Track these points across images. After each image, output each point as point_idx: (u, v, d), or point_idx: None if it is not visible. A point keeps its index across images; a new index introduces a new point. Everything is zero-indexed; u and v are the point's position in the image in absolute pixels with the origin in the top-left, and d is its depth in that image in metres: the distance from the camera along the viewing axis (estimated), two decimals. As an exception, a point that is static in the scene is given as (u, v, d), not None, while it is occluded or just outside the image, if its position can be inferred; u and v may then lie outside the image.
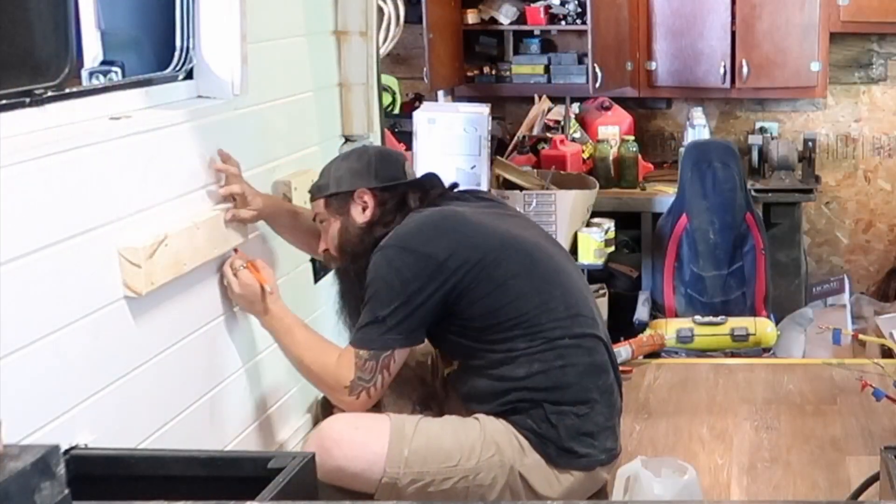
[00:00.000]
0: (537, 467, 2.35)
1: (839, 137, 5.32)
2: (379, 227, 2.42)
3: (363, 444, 2.29)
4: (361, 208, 2.45)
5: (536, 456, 2.35)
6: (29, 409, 1.81)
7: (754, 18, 4.89)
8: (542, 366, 2.35)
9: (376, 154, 2.54)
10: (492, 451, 2.33)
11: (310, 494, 1.85)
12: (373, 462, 2.27)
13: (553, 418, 2.35)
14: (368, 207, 2.44)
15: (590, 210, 4.31)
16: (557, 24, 5.11)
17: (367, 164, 2.47)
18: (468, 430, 2.36)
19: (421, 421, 2.37)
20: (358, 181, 2.45)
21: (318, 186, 2.50)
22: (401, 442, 2.29)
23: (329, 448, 2.25)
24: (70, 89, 2.01)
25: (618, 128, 5.15)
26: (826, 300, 4.84)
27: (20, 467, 0.97)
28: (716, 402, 3.35)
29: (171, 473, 1.90)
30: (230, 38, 2.41)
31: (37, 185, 1.83)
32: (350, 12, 3.10)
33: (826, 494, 2.67)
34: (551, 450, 2.35)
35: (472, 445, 2.33)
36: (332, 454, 2.25)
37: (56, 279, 1.87)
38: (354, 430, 2.31)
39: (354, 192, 2.44)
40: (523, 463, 2.34)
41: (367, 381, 2.34)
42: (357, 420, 2.36)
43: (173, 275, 2.19)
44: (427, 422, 2.38)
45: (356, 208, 2.45)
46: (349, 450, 2.28)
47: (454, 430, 2.35)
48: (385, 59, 4.05)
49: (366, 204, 2.44)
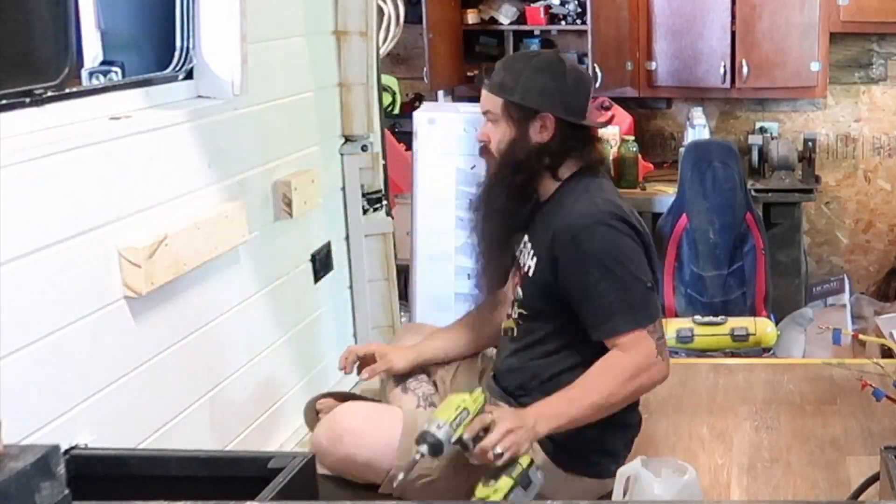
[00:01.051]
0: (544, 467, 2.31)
1: (839, 137, 5.32)
2: (551, 156, 2.35)
3: (376, 434, 2.26)
4: (540, 128, 2.34)
5: (543, 456, 2.33)
6: (29, 409, 1.81)
7: (754, 18, 4.88)
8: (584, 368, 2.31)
9: (574, 77, 2.38)
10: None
11: (310, 494, 1.85)
12: (383, 453, 2.24)
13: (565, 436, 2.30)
14: (548, 132, 2.34)
15: (590, 210, 4.30)
16: (557, 24, 5.11)
17: (560, 88, 2.34)
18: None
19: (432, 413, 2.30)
20: (548, 103, 2.33)
21: (502, 84, 2.37)
22: (413, 432, 2.22)
23: (340, 435, 2.23)
24: (70, 89, 2.02)
25: (618, 128, 5.15)
26: (826, 300, 4.84)
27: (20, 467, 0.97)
28: (716, 402, 3.35)
29: (171, 473, 1.90)
30: (230, 38, 2.41)
31: (37, 185, 1.84)
32: (350, 12, 3.10)
33: (826, 494, 2.66)
34: (563, 456, 2.34)
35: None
36: (344, 441, 2.23)
37: (56, 279, 1.88)
38: (367, 420, 2.29)
39: (539, 112, 2.33)
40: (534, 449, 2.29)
41: (661, 339, 2.27)
42: (370, 410, 2.34)
43: (173, 275, 2.19)
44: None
45: (535, 126, 2.34)
46: (361, 438, 2.24)
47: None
48: (385, 59, 4.05)
49: (547, 129, 2.34)
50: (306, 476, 1.82)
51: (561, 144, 2.35)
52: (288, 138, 2.84)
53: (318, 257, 3.01)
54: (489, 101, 2.39)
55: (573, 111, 2.36)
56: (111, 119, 2.13)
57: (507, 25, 5.14)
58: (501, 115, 2.36)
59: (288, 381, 2.79)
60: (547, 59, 2.42)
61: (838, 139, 5.32)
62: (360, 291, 3.25)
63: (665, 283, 4.55)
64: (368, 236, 3.24)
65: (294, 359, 2.85)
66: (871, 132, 5.29)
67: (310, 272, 2.98)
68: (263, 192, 2.69)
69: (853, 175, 5.34)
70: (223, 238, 2.43)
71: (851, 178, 5.35)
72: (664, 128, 5.47)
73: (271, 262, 2.72)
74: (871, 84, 5.25)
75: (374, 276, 3.26)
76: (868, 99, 5.26)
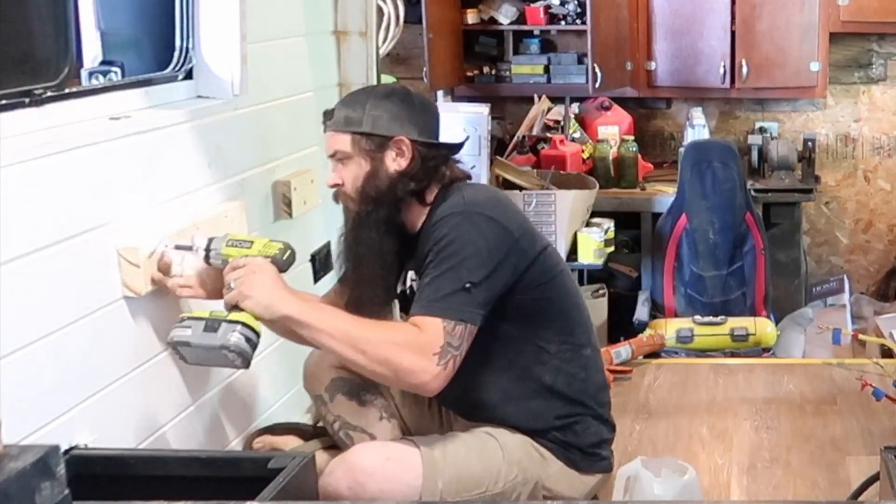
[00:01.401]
0: (561, 474, 2.32)
1: (839, 137, 5.32)
2: (411, 181, 2.25)
3: (396, 476, 2.18)
4: (397, 155, 2.25)
5: (559, 463, 2.32)
6: (29, 409, 1.81)
7: (754, 18, 4.88)
8: (566, 378, 2.32)
9: (419, 101, 2.33)
10: (515, 471, 2.27)
11: (310, 495, 1.85)
12: (408, 495, 2.16)
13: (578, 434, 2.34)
14: (405, 157, 2.25)
15: (589, 210, 4.31)
16: (557, 24, 5.10)
17: (410, 111, 2.27)
18: (491, 452, 2.28)
19: (446, 447, 2.26)
20: (399, 128, 2.25)
21: (347, 119, 2.26)
22: (434, 475, 2.20)
23: (363, 482, 2.13)
24: (70, 89, 2.02)
25: (618, 128, 5.15)
26: (826, 300, 4.84)
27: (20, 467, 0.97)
28: (716, 402, 3.35)
29: (171, 473, 1.90)
30: (230, 38, 2.41)
31: (37, 185, 1.83)
32: (350, 12, 3.10)
33: (826, 494, 2.67)
34: (575, 455, 2.34)
35: (497, 469, 2.26)
36: (366, 488, 2.13)
37: (56, 279, 1.88)
38: (386, 462, 2.19)
39: (393, 138, 2.24)
40: (547, 474, 2.31)
41: (455, 348, 2.11)
42: (386, 450, 2.25)
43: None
44: (451, 447, 2.26)
45: (391, 154, 2.25)
46: (384, 483, 2.15)
47: (479, 456, 2.27)
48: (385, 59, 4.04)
49: (403, 153, 2.25)
50: (306, 476, 1.83)
51: (422, 166, 2.26)
52: (288, 138, 2.84)
53: (318, 257, 3.01)
54: (335, 142, 2.28)
55: (426, 131, 2.29)
56: (111, 119, 2.13)
57: (507, 25, 5.14)
58: (352, 150, 2.25)
59: (288, 380, 2.79)
60: (389, 87, 2.42)
61: (838, 139, 5.32)
62: (359, 291, 3.24)
63: (665, 283, 4.55)
64: (368, 236, 3.23)
65: (294, 359, 2.84)
66: (870, 132, 5.29)
67: (309, 272, 2.98)
68: (263, 192, 2.69)
69: (853, 175, 5.34)
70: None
71: (851, 178, 5.35)
72: (664, 128, 5.47)
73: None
74: (871, 84, 5.25)
75: (373, 276, 3.26)
76: (868, 99, 5.26)
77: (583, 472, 2.35)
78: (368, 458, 2.18)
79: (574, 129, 5.11)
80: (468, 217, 2.18)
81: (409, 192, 2.26)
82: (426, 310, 2.13)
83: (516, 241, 2.20)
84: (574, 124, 5.12)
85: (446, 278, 2.13)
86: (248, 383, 2.61)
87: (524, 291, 2.25)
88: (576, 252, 4.22)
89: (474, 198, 2.24)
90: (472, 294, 2.13)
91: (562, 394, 2.32)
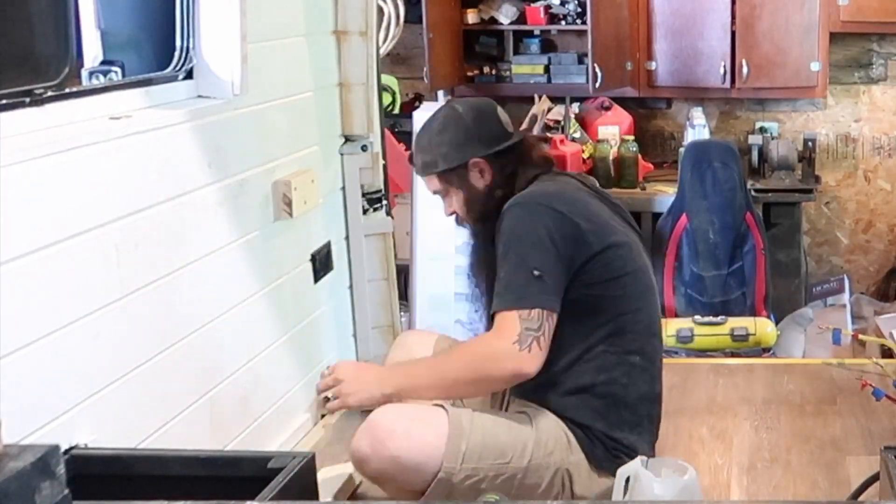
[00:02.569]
0: (580, 466, 2.32)
1: (839, 137, 5.32)
2: (501, 188, 2.41)
3: (420, 435, 2.19)
4: (479, 174, 2.42)
5: (581, 455, 2.32)
6: (29, 409, 1.81)
7: (754, 18, 4.89)
8: (607, 378, 2.32)
9: (472, 117, 2.45)
10: (542, 451, 2.28)
11: (310, 494, 1.85)
12: (430, 455, 2.17)
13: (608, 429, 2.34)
14: (486, 172, 2.42)
15: (590, 210, 4.30)
16: (557, 24, 5.11)
17: (466, 132, 2.42)
18: (521, 427, 2.29)
19: (475, 415, 2.28)
20: (466, 152, 2.41)
21: (425, 164, 2.47)
22: (459, 436, 2.20)
23: (383, 439, 2.15)
24: (70, 89, 2.02)
25: (618, 128, 5.15)
26: (826, 300, 4.84)
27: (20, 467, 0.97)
28: (716, 402, 3.35)
29: (171, 473, 1.90)
30: (230, 38, 2.41)
31: (37, 185, 1.83)
32: (350, 12, 3.10)
33: (826, 494, 2.66)
34: (598, 451, 2.34)
35: (524, 443, 2.27)
36: (387, 445, 2.14)
37: (56, 279, 1.88)
38: (410, 421, 2.21)
39: (468, 162, 2.42)
40: (569, 461, 2.31)
41: (535, 330, 2.18)
42: (412, 410, 2.26)
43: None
44: (480, 416, 2.29)
45: (474, 175, 2.43)
46: (406, 441, 2.16)
47: (508, 427, 2.29)
48: (385, 59, 4.05)
49: (482, 170, 2.42)
50: (306, 476, 1.82)
51: (503, 173, 2.42)
52: (288, 138, 2.84)
53: (318, 257, 3.01)
54: (429, 183, 2.50)
55: (491, 141, 2.42)
56: (111, 119, 2.13)
57: (507, 25, 5.14)
58: (445, 187, 2.46)
59: (288, 380, 2.79)
60: (440, 116, 2.49)
61: (838, 139, 5.32)
62: (359, 291, 3.25)
63: (665, 283, 4.55)
64: (368, 236, 3.24)
65: (294, 359, 2.85)
66: (871, 132, 5.29)
67: (310, 272, 2.98)
68: (263, 192, 2.69)
69: (853, 175, 5.34)
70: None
71: (851, 178, 5.35)
72: (664, 128, 5.47)
73: (271, 262, 2.72)
74: (871, 84, 5.25)
75: (373, 275, 3.26)
76: (868, 99, 5.26)
77: (602, 472, 2.34)
78: (389, 417, 2.21)
79: (574, 129, 5.11)
80: (528, 207, 2.27)
81: (505, 198, 2.37)
82: (500, 305, 2.23)
83: (582, 233, 2.26)
84: (574, 124, 5.13)
85: (514, 270, 2.23)
86: (248, 383, 2.61)
87: (583, 286, 2.27)
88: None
89: (541, 189, 2.35)
90: (543, 281, 2.20)
91: (600, 396, 2.32)
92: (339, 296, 3.19)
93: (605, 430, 2.34)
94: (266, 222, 2.69)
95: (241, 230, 2.54)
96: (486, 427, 2.26)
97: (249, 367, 2.61)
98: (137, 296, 2.11)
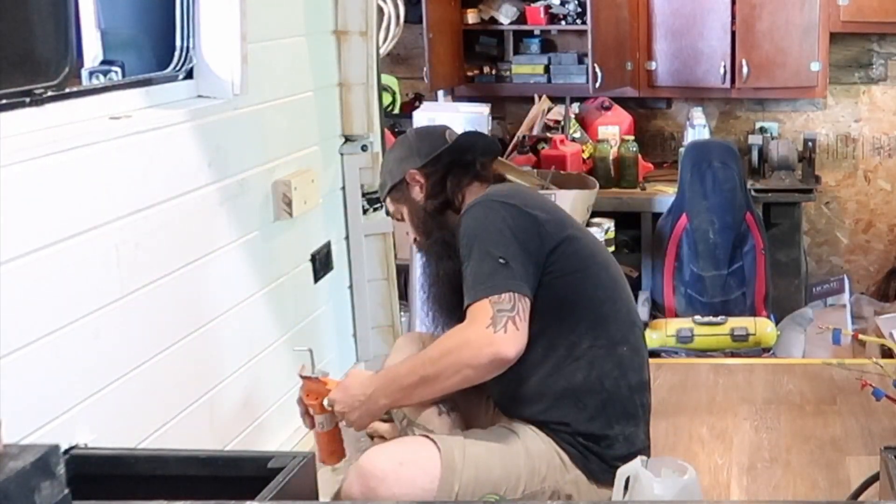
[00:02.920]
0: (578, 482, 2.28)
1: (839, 137, 5.32)
2: (437, 197, 2.43)
3: (411, 480, 2.13)
4: (418, 188, 2.45)
5: (577, 472, 2.28)
6: (29, 409, 1.81)
7: (754, 18, 4.89)
8: (599, 373, 2.27)
9: (414, 135, 2.56)
10: (536, 479, 2.24)
11: (310, 495, 1.85)
12: (423, 498, 2.12)
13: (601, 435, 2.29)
14: (423, 184, 2.44)
15: (590, 210, 4.31)
16: (557, 24, 5.11)
17: (408, 148, 2.48)
18: (514, 455, 2.24)
19: (467, 448, 2.22)
20: (405, 165, 2.45)
21: (381, 186, 2.54)
22: (451, 476, 2.16)
23: (374, 487, 2.09)
24: (70, 89, 2.01)
25: (618, 128, 5.15)
26: (826, 300, 4.84)
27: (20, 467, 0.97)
28: (716, 402, 3.35)
29: (171, 473, 1.90)
30: (230, 38, 2.41)
31: (37, 185, 1.83)
32: (350, 12, 3.10)
33: (826, 494, 2.67)
34: (594, 465, 2.29)
35: (518, 474, 2.23)
36: (378, 493, 2.08)
37: (56, 279, 1.87)
38: (399, 465, 2.14)
39: (405, 177, 2.45)
40: (565, 481, 2.27)
41: (508, 311, 2.13)
42: (401, 452, 2.20)
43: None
44: (473, 447, 2.23)
45: (414, 189, 2.45)
46: (396, 487, 2.10)
47: (501, 458, 2.23)
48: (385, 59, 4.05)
49: (419, 182, 2.44)
50: (306, 476, 1.82)
51: (433, 180, 2.43)
52: (288, 138, 2.84)
53: (318, 257, 3.01)
54: (389, 208, 2.55)
55: (428, 152, 2.44)
56: (111, 119, 2.13)
57: (507, 25, 5.14)
58: (397, 207, 2.50)
59: (288, 380, 2.78)
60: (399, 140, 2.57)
61: (838, 139, 5.32)
62: (359, 291, 3.25)
63: (665, 283, 4.55)
64: (368, 236, 3.24)
65: (294, 358, 2.84)
66: (871, 132, 5.29)
67: (310, 272, 2.98)
68: (263, 192, 2.69)
69: (853, 175, 5.34)
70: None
71: (851, 178, 5.35)
72: (664, 128, 5.47)
73: (271, 262, 2.72)
74: (871, 84, 5.25)
75: (374, 275, 3.26)
76: (868, 99, 5.26)
77: (601, 484, 2.29)
78: (380, 463, 2.15)
79: (574, 129, 5.11)
80: (485, 205, 2.26)
81: (441, 208, 2.41)
82: (470, 297, 2.17)
83: (541, 224, 2.24)
84: (574, 124, 5.13)
85: (478, 262, 2.19)
86: (248, 383, 2.61)
87: (553, 278, 2.24)
88: (576, 252, 4.21)
89: (495, 190, 2.35)
90: (510, 267, 2.16)
91: (594, 393, 2.28)
92: (339, 296, 3.19)
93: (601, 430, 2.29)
94: (266, 222, 2.69)
95: (241, 230, 2.54)
96: (480, 460, 2.21)
97: (249, 367, 2.61)
98: (137, 296, 2.11)
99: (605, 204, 4.57)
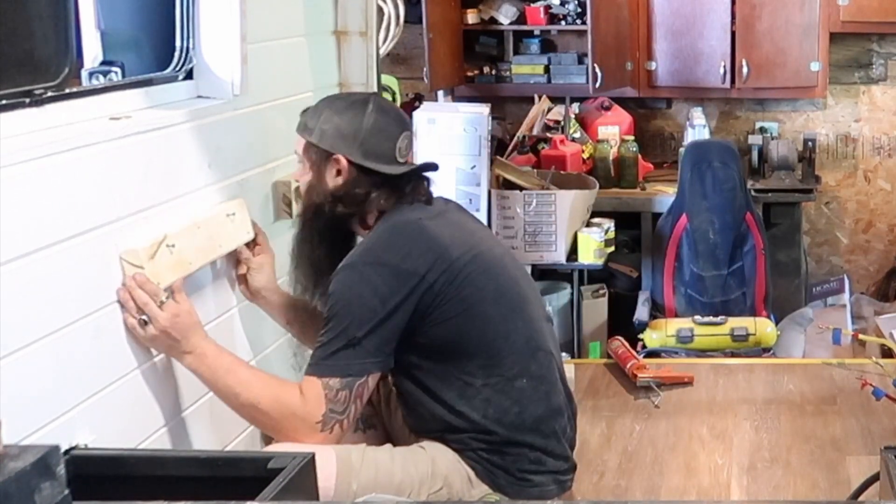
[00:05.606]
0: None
1: (839, 137, 5.32)
2: (340, 204, 2.27)
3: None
4: (335, 173, 2.27)
5: (484, 487, 2.25)
6: (29, 409, 1.81)
7: (754, 18, 4.89)
8: (496, 412, 2.22)
9: (375, 119, 2.27)
10: (440, 484, 2.22)
11: (310, 495, 1.85)
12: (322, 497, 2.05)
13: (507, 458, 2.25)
14: (341, 177, 2.26)
15: (590, 210, 4.31)
16: (557, 24, 5.11)
17: (357, 129, 2.25)
18: (417, 461, 2.23)
19: (367, 451, 2.22)
20: (342, 146, 2.25)
21: (305, 125, 2.32)
22: (348, 475, 2.15)
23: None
24: (70, 89, 2.01)
25: (618, 128, 5.15)
26: (826, 300, 4.84)
27: (20, 467, 0.97)
28: (716, 402, 3.35)
29: (171, 473, 1.90)
30: (230, 38, 2.41)
31: (37, 185, 1.83)
32: (350, 12, 3.10)
33: (826, 494, 2.67)
34: (501, 480, 2.25)
35: (421, 479, 2.21)
36: None
37: (56, 279, 1.87)
38: None
39: (333, 154, 2.26)
40: (471, 495, 2.24)
41: (340, 413, 2.12)
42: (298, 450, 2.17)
43: (175, 275, 2.19)
44: (374, 451, 2.24)
45: (330, 171, 2.27)
46: None
47: (403, 462, 2.22)
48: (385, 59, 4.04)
49: (339, 172, 2.26)
50: (306, 476, 1.82)
51: (353, 189, 2.25)
52: (288, 138, 2.83)
53: (318, 257, 3.00)
54: (297, 142, 2.35)
55: (372, 155, 2.25)
56: (111, 119, 2.13)
57: (507, 25, 5.14)
58: (304, 156, 2.31)
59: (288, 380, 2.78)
60: (352, 99, 2.33)
61: (838, 139, 5.32)
62: (360, 291, 3.24)
63: (665, 283, 4.55)
64: (368, 236, 3.23)
65: (294, 359, 2.84)
66: (871, 132, 5.29)
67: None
68: (263, 192, 2.69)
69: (853, 175, 5.34)
70: (225, 238, 2.43)
71: (851, 178, 5.35)
72: (664, 128, 5.47)
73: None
74: (871, 84, 5.25)
75: (374, 276, 3.25)
76: (868, 99, 5.26)
77: (511, 496, 2.24)
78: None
79: (574, 129, 5.11)
80: (357, 270, 2.16)
81: (344, 215, 2.28)
82: (312, 369, 2.15)
83: (420, 279, 2.14)
84: (574, 124, 5.13)
85: (331, 335, 2.13)
86: (248, 383, 2.61)
87: (437, 323, 2.18)
88: (576, 252, 4.22)
89: (375, 243, 2.21)
90: (362, 346, 2.12)
91: (492, 429, 2.23)
92: (339, 296, 3.18)
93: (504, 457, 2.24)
94: (266, 222, 2.69)
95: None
96: (380, 464, 2.20)
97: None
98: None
99: (605, 204, 4.57)
